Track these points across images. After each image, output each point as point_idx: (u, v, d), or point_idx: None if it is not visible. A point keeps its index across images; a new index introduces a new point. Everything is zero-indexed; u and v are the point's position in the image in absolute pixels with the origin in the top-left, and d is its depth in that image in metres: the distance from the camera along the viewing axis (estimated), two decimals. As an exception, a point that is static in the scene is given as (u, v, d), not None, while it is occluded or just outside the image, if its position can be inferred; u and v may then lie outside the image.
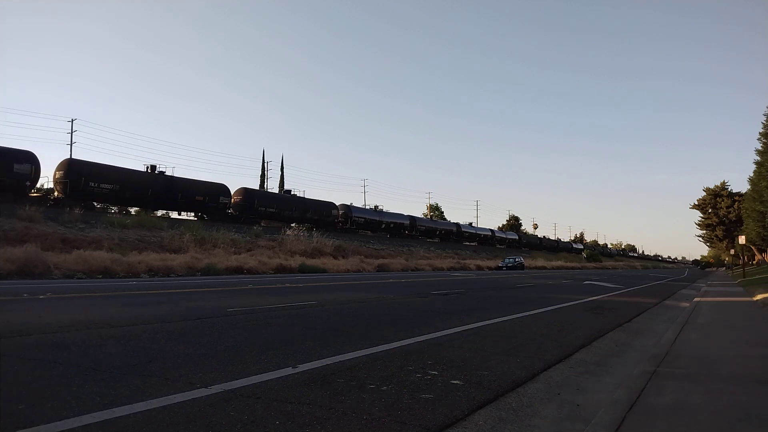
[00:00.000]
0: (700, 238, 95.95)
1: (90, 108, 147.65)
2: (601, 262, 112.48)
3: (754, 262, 74.26)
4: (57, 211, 29.89)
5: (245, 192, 44.71)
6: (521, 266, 56.42)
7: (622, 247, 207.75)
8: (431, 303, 12.89)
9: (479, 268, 51.34)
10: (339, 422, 3.58)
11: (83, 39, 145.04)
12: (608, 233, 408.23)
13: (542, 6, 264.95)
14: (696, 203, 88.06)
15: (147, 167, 39.18)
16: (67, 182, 32.83)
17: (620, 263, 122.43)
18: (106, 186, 34.44)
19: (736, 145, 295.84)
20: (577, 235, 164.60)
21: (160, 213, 41.91)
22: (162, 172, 39.55)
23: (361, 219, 56.92)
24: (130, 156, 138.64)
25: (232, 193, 43.93)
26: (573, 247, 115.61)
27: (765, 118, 37.70)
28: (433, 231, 69.32)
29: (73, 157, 34.47)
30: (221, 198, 42.20)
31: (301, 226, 41.75)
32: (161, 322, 7.97)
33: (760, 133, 38.14)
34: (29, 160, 30.68)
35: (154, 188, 37.63)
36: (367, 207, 61.38)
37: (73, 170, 33.32)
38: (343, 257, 38.91)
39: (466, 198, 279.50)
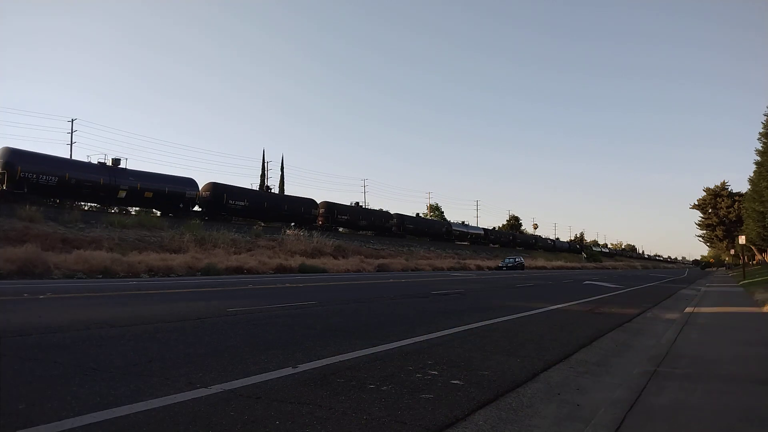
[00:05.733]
0: (700, 238, 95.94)
1: (90, 108, 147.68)
2: (601, 262, 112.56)
3: (754, 262, 74.27)
4: (57, 210, 29.99)
5: (327, 204, 52.96)
6: (521, 266, 56.45)
7: (622, 246, 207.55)
8: (431, 303, 12.89)
9: (479, 268, 51.34)
10: (339, 422, 3.58)
11: (83, 39, 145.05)
12: (608, 233, 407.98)
13: (542, 6, 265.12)
14: (696, 203, 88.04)
15: (264, 186, 48.26)
16: (213, 200, 40.43)
17: (620, 263, 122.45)
18: (240, 203, 42.15)
19: (736, 145, 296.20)
20: (577, 235, 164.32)
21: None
22: (269, 189, 48.69)
23: (410, 226, 66.20)
24: (130, 156, 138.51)
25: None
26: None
27: (765, 118, 37.72)
28: (464, 235, 79.62)
29: (215, 181, 41.97)
30: (312, 210, 49.93)
31: (367, 232, 56.89)
32: (161, 322, 7.97)
33: (760, 133, 38.17)
34: (193, 186, 39.65)
35: (268, 203, 45.96)
36: (413, 216, 69.56)
37: (217, 190, 40.80)
38: (343, 257, 38.92)
39: (466, 198, 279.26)
